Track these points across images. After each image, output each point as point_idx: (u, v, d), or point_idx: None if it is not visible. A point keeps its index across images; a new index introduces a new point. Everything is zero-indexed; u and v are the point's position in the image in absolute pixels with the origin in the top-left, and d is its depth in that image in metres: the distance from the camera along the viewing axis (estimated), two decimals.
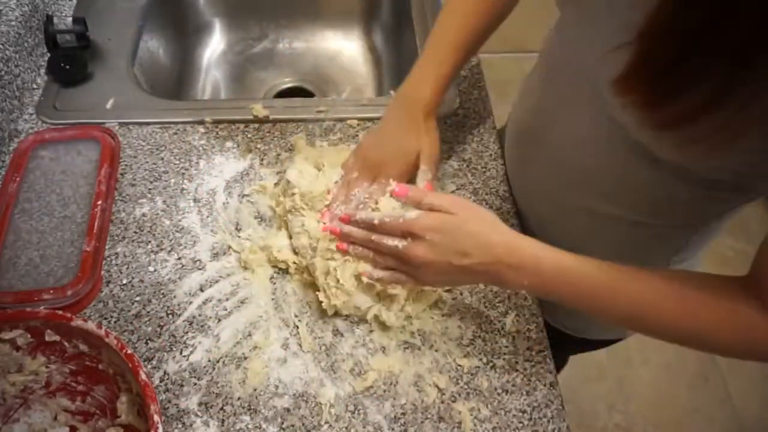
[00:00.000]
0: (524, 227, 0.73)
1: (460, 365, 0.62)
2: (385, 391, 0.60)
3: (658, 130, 0.44)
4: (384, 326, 0.63)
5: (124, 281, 0.66)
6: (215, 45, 1.12)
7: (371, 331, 0.63)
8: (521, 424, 0.59)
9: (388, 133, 0.66)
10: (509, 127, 0.77)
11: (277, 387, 0.60)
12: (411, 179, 0.65)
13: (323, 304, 0.62)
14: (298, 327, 0.63)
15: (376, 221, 0.57)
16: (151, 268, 0.67)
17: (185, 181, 0.74)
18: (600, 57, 0.48)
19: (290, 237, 0.67)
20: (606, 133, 0.54)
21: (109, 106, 0.81)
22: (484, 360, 0.62)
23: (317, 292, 0.63)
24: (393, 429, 0.58)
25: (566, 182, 0.63)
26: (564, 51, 0.59)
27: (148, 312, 0.64)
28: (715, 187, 0.51)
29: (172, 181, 0.74)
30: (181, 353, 0.61)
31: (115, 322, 0.63)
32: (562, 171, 0.63)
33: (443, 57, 0.64)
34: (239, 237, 0.70)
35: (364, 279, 0.60)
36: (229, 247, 0.69)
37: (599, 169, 0.58)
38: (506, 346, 0.64)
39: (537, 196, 0.70)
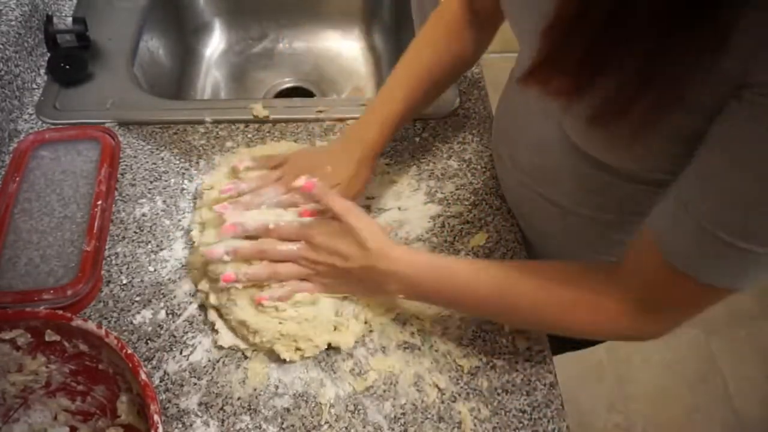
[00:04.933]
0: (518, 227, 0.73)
1: (460, 365, 0.62)
2: (385, 391, 0.60)
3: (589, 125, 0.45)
4: (383, 326, 0.63)
5: (124, 281, 0.66)
6: (215, 45, 1.12)
7: (371, 331, 0.63)
8: (521, 424, 0.59)
9: (324, 155, 0.67)
10: (493, 128, 0.78)
11: (277, 387, 0.60)
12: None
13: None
14: None
15: (271, 225, 0.59)
16: (151, 268, 0.67)
17: (185, 181, 0.74)
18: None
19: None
20: (557, 136, 0.55)
21: (109, 106, 0.81)
22: (484, 360, 0.62)
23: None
24: (393, 429, 0.58)
25: (536, 182, 0.64)
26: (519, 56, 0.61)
27: (149, 312, 0.64)
28: (664, 186, 0.52)
29: (172, 181, 0.74)
30: (181, 353, 0.61)
31: (115, 322, 0.63)
32: (531, 172, 0.64)
33: (394, 104, 0.65)
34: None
35: (265, 303, 0.58)
36: None
37: (558, 171, 0.59)
38: (506, 346, 0.64)
39: (515, 195, 0.71)
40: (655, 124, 0.41)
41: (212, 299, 0.61)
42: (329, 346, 0.61)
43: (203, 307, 0.64)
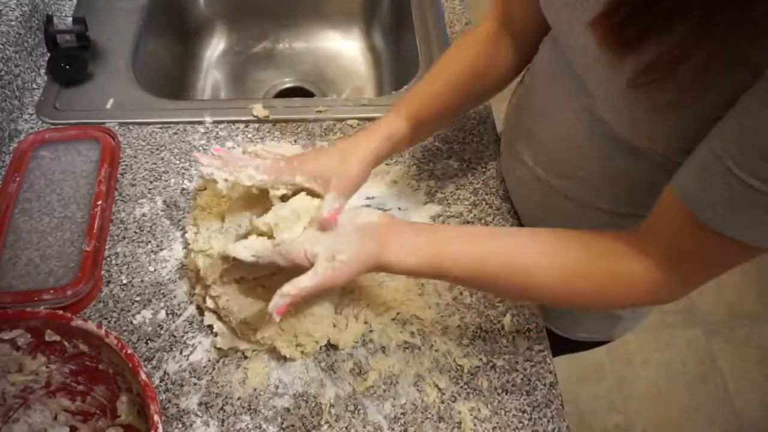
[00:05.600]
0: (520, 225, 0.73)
1: (460, 365, 0.62)
2: (385, 391, 0.60)
3: (631, 86, 0.44)
4: (383, 326, 0.63)
5: (124, 281, 0.66)
6: (215, 45, 1.12)
7: (371, 331, 0.63)
8: (521, 424, 0.59)
9: (325, 163, 0.60)
10: (503, 125, 0.78)
11: (277, 387, 0.60)
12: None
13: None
14: None
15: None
16: (151, 268, 0.67)
17: (185, 181, 0.74)
18: (576, 36, 0.50)
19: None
20: (587, 127, 0.55)
21: (109, 106, 0.81)
22: (484, 360, 0.62)
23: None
24: (393, 429, 0.58)
25: (552, 176, 0.64)
26: (548, 49, 0.60)
27: (149, 312, 0.64)
28: None
29: (172, 181, 0.74)
30: (181, 353, 0.61)
31: (115, 322, 0.63)
32: (548, 165, 0.63)
33: (401, 121, 0.62)
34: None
35: (276, 318, 0.51)
36: None
37: (582, 163, 0.58)
38: (506, 346, 0.64)
39: (527, 192, 0.71)
40: (705, 86, 0.41)
41: (209, 303, 0.61)
42: (329, 346, 0.62)
43: (201, 309, 0.64)
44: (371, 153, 0.60)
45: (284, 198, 0.58)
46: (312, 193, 0.58)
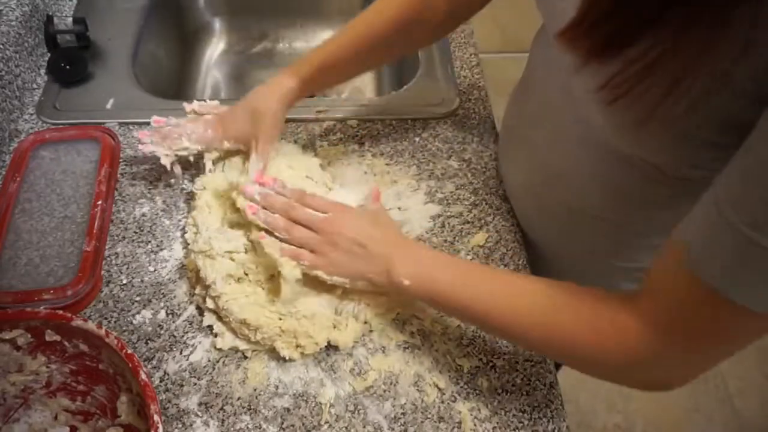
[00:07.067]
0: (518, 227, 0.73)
1: (460, 365, 0.62)
2: (385, 391, 0.60)
3: (608, 102, 0.43)
4: (383, 326, 0.63)
5: (124, 281, 0.66)
6: (215, 45, 1.12)
7: (371, 331, 0.63)
8: (521, 424, 0.59)
9: (241, 115, 0.69)
10: (501, 128, 0.78)
11: (277, 387, 0.60)
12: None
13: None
14: None
15: (308, 191, 0.63)
16: (151, 268, 0.67)
17: (185, 181, 0.74)
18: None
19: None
20: (581, 134, 0.54)
21: (109, 106, 0.81)
22: (484, 360, 0.62)
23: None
24: (393, 429, 0.58)
25: (546, 181, 0.63)
26: (541, 51, 0.60)
27: (149, 312, 0.64)
28: (687, 184, 0.51)
29: (172, 181, 0.74)
30: (181, 353, 0.61)
31: (115, 322, 0.63)
32: (542, 170, 0.63)
33: (322, 62, 0.69)
34: None
35: (262, 242, 0.59)
36: None
37: (575, 170, 0.58)
38: (506, 346, 0.64)
39: (521, 195, 0.71)
40: (682, 109, 0.39)
41: (209, 303, 0.62)
42: (329, 346, 0.62)
43: (201, 309, 0.64)
44: (281, 106, 0.67)
45: (215, 160, 0.72)
46: (241, 151, 0.71)
